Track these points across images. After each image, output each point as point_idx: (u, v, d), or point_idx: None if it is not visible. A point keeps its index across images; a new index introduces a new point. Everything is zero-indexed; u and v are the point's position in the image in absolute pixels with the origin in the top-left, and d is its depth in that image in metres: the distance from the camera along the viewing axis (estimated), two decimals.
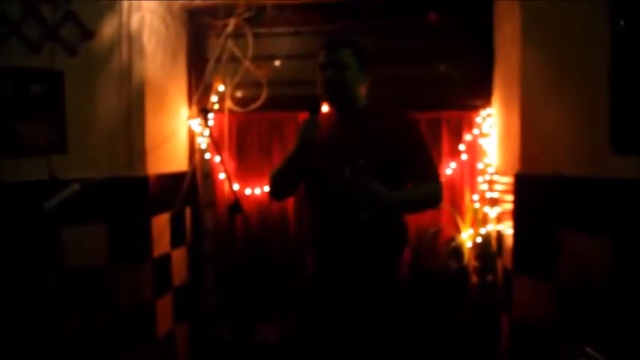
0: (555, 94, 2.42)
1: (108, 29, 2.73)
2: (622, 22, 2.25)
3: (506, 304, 2.70)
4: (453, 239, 3.12)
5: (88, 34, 2.69)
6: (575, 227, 2.37)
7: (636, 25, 2.23)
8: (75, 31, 2.67)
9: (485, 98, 3.19)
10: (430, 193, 2.02)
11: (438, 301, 3.02)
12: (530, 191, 2.49)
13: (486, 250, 3.01)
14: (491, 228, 3.09)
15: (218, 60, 3.25)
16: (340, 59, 2.00)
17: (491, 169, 3.15)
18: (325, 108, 2.15)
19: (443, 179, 2.09)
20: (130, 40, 2.76)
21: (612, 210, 2.29)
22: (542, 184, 2.44)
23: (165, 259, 3.05)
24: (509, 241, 2.65)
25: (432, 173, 2.04)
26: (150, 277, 2.85)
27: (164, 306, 3.02)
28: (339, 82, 2.01)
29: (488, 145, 3.19)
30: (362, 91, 2.10)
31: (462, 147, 3.24)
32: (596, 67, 2.31)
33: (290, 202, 3.42)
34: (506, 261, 2.72)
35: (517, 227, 2.54)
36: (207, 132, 3.23)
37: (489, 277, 2.95)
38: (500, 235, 2.93)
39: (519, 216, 2.53)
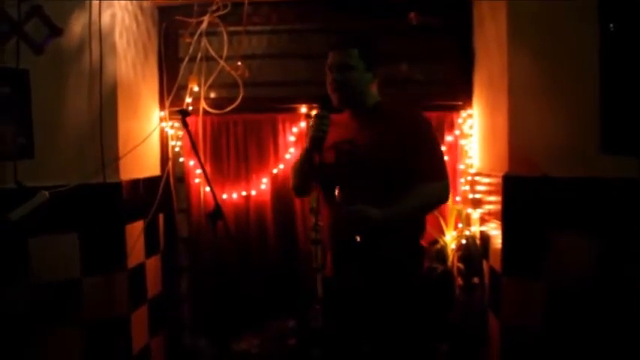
0: (543, 94, 2.41)
1: (77, 26, 2.53)
2: (611, 25, 2.25)
3: (494, 305, 2.68)
4: (436, 241, 3.07)
5: (56, 31, 2.49)
6: (565, 228, 2.37)
7: (625, 25, 2.24)
8: (41, 27, 2.46)
9: (465, 99, 3.18)
10: (432, 194, 2.03)
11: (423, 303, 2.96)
12: (519, 192, 2.47)
13: (471, 251, 2.98)
14: (474, 229, 3.07)
15: (192, 59, 3.11)
16: (345, 61, 2.04)
17: (472, 170, 3.13)
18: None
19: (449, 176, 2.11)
20: (101, 38, 2.56)
21: (603, 210, 2.30)
22: (531, 184, 2.43)
23: (140, 269, 2.89)
24: (496, 242, 2.62)
25: (435, 173, 2.03)
26: (125, 290, 2.67)
27: (140, 319, 2.85)
28: (344, 84, 2.05)
29: (470, 145, 3.18)
30: (371, 89, 2.12)
31: (442, 148, 3.19)
32: (585, 67, 2.31)
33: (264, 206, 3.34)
34: (493, 263, 2.69)
35: (506, 229, 2.51)
36: (184, 134, 3.09)
37: (475, 279, 2.92)
38: (484, 237, 2.90)
39: (508, 217, 2.51)
